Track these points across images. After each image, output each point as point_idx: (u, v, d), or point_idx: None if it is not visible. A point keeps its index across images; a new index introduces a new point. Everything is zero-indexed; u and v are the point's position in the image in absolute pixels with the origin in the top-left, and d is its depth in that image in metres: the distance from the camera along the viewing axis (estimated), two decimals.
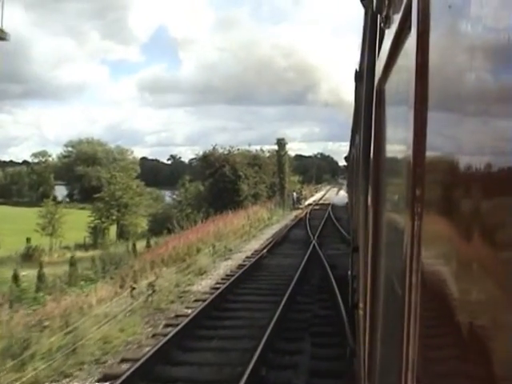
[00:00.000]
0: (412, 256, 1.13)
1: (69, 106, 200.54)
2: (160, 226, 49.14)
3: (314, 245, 22.63)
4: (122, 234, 49.47)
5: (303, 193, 57.14)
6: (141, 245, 39.24)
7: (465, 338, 0.74)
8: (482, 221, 0.71)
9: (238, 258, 21.48)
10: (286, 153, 51.53)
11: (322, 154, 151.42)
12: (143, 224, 53.67)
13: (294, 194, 48.94)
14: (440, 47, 1.03)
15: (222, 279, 16.84)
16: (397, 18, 1.58)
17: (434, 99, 1.04)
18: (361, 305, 3.49)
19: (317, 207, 46.05)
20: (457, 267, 0.81)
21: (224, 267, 19.62)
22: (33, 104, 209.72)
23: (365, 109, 3.20)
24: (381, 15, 2.30)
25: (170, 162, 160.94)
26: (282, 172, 51.14)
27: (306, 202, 52.67)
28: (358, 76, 5.34)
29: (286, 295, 13.40)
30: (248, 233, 29.16)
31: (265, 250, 21.86)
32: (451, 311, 0.81)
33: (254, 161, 54.22)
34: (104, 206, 49.32)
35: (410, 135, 1.18)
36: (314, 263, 18.81)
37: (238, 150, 54.35)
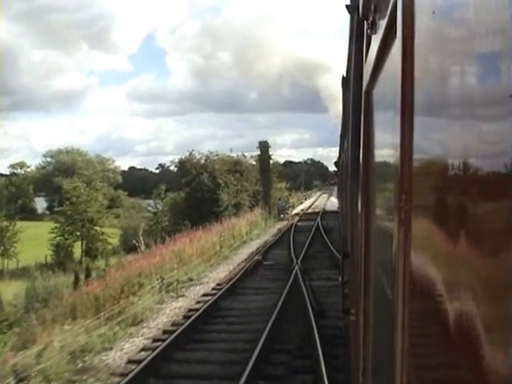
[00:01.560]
0: (401, 260, 1.13)
1: (58, 116, 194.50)
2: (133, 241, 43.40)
3: (297, 272, 16.99)
4: (88, 252, 43.62)
5: (290, 201, 51.46)
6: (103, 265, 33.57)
7: (454, 341, 0.75)
8: (471, 224, 0.71)
9: (193, 295, 15.78)
10: (269, 157, 45.82)
11: (312, 160, 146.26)
12: (115, 239, 47.74)
13: (280, 202, 43.21)
14: (425, 52, 1.04)
15: (157, 339, 11.15)
16: (383, 24, 1.59)
17: (420, 103, 1.05)
18: (352, 310, 3.44)
19: (304, 217, 40.37)
20: (446, 271, 0.82)
21: (170, 312, 13.93)
22: (22, 116, 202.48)
23: (353, 114, 3.22)
24: (367, 21, 2.31)
25: (158, 171, 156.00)
26: (266, 179, 45.42)
27: (294, 211, 46.99)
28: (346, 82, 5.55)
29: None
30: (218, 254, 23.50)
31: (231, 282, 16.23)
32: (441, 315, 0.81)
33: (235, 167, 48.54)
34: (66, 221, 43.38)
35: (397, 139, 1.19)
36: (294, 305, 13.12)
37: (218, 155, 48.68)
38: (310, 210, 47.23)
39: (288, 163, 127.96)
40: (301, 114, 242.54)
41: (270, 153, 45.88)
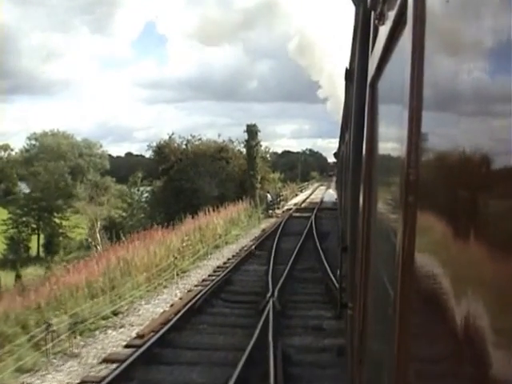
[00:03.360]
0: (405, 255, 1.11)
1: (57, 101, 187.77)
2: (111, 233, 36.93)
3: (269, 313, 10.55)
4: (49, 247, 37.14)
5: (283, 193, 44.89)
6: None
7: (457, 338, 0.74)
8: (477, 220, 0.70)
9: (93, 356, 9.33)
10: (258, 143, 39.01)
11: (310, 150, 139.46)
12: (83, 232, 41.19)
13: (269, 195, 36.53)
14: (436, 44, 1.01)
15: None
16: (391, 15, 1.54)
17: (429, 97, 1.02)
18: (350, 304, 3.38)
19: (297, 214, 33.80)
20: (451, 267, 0.80)
21: None
22: (21, 99, 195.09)
23: (356, 106, 3.18)
24: (375, 12, 2.24)
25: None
26: (253, 167, 38.73)
27: (286, 206, 40.42)
28: (349, 74, 5.20)
29: None
30: (173, 267, 17.01)
31: (164, 330, 9.79)
32: (444, 312, 0.79)
33: (221, 154, 41.91)
34: (21, 211, 36.77)
35: (404, 133, 1.16)
36: None
37: (200, 139, 42.00)
38: (304, 205, 40.56)
39: (286, 153, 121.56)
40: (301, 104, 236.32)
41: (264, 140, 39.33)
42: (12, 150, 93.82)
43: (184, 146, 41.03)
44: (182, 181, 39.16)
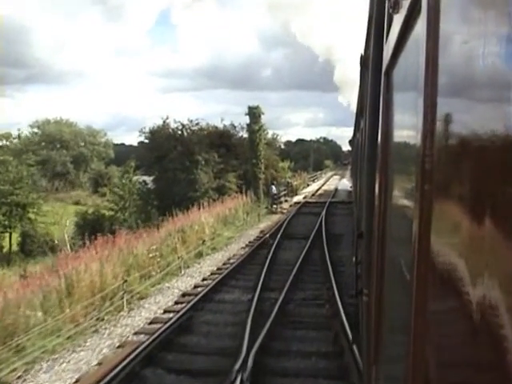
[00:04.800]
0: (422, 242, 1.10)
1: (71, 90, 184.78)
2: (90, 231, 32.20)
3: None
4: (24, 247, 32.57)
5: (292, 184, 39.83)
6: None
7: (477, 328, 0.72)
8: (494, 207, 0.69)
9: None
10: (261, 127, 33.82)
11: (324, 138, 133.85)
12: (65, 230, 36.45)
13: (273, 187, 31.45)
14: (451, 31, 0.99)
15: None
16: (406, 4, 1.53)
17: (445, 84, 1.01)
18: (365, 291, 3.25)
19: (304, 209, 28.76)
20: (468, 254, 0.79)
21: None
22: (35, 89, 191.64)
23: (371, 94, 3.14)
24: (389, 0, 2.19)
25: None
26: (256, 155, 33.63)
27: (295, 199, 35.37)
28: (364, 61, 5.11)
29: None
30: (121, 294, 12.15)
31: None
32: (463, 300, 0.78)
33: (221, 140, 36.90)
34: None
35: (419, 120, 1.14)
36: None
37: (198, 124, 36.93)
38: (313, 199, 35.41)
39: (299, 141, 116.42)
40: (316, 92, 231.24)
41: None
42: (14, 138, 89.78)
43: (180, 132, 36.01)
44: (176, 171, 34.28)
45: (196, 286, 12.61)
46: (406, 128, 1.58)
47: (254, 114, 33.11)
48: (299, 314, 10.09)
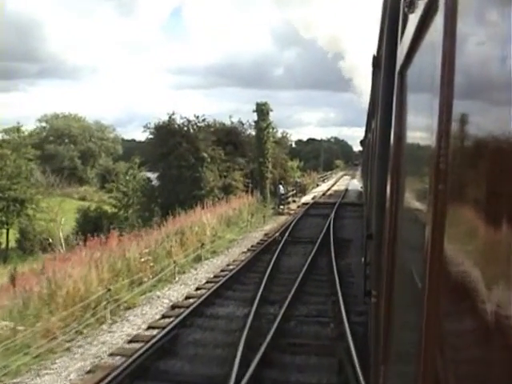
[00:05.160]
0: (434, 245, 1.09)
1: (84, 86, 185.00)
2: (92, 229, 31.09)
3: None
4: (22, 243, 31.52)
5: (301, 184, 38.56)
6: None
7: (490, 333, 0.71)
8: (508, 209, 0.68)
9: None
10: (269, 124, 32.53)
11: (335, 138, 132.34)
12: (67, 226, 35.40)
13: (281, 187, 30.18)
14: (468, 31, 0.97)
15: None
16: (422, 3, 1.50)
17: (461, 84, 0.99)
18: (373, 292, 3.28)
19: (313, 211, 27.48)
20: (482, 259, 0.77)
21: None
22: (48, 83, 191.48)
23: (383, 94, 3.14)
24: (404, 0, 2.13)
25: None
26: (263, 154, 32.36)
27: (303, 199, 34.10)
28: (376, 61, 5.08)
29: None
30: (108, 303, 10.98)
31: None
32: (474, 301, 0.77)
33: (228, 137, 35.69)
34: None
35: (434, 122, 1.13)
36: None
37: (205, 120, 35.73)
38: (322, 200, 34.08)
39: (311, 141, 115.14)
40: (328, 92, 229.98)
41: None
42: (23, 132, 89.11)
43: (185, 128, 34.83)
44: (181, 168, 33.13)
45: (188, 297, 11.41)
46: (421, 128, 1.55)
47: (261, 110, 31.85)
48: (300, 335, 8.86)
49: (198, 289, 12.15)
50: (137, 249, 15.14)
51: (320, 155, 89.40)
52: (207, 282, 12.75)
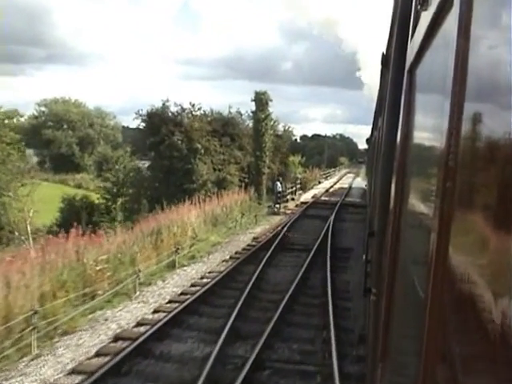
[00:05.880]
0: (439, 246, 1.07)
1: (91, 72, 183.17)
2: (75, 220, 28.77)
3: None
4: None
5: (301, 181, 36.12)
6: None
7: (493, 338, 0.70)
8: None
9: None
10: (267, 116, 30.01)
11: (341, 135, 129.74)
12: (49, 216, 33.08)
13: (278, 183, 27.71)
14: (484, 30, 0.95)
15: None
16: (436, 1, 1.45)
17: (474, 84, 0.96)
18: (373, 290, 3.24)
19: (311, 211, 25.03)
20: (487, 263, 0.77)
21: None
22: (55, 69, 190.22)
23: (391, 92, 3.05)
24: None
25: None
26: (260, 147, 29.84)
27: (302, 198, 31.68)
28: (385, 59, 5.01)
29: None
30: (31, 330, 8.63)
31: None
32: (479, 305, 0.76)
33: (224, 128, 33.21)
34: None
35: (444, 122, 1.11)
36: None
37: (200, 108, 33.21)
38: (323, 199, 31.61)
39: (316, 136, 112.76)
40: (335, 88, 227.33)
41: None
42: (21, 116, 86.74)
43: (179, 117, 32.38)
44: (173, 158, 30.73)
45: (140, 324, 9.00)
46: (429, 129, 1.55)
47: (260, 100, 29.28)
48: None
49: (155, 311, 9.73)
50: (98, 252, 12.78)
51: (324, 151, 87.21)
52: (169, 302, 10.33)
